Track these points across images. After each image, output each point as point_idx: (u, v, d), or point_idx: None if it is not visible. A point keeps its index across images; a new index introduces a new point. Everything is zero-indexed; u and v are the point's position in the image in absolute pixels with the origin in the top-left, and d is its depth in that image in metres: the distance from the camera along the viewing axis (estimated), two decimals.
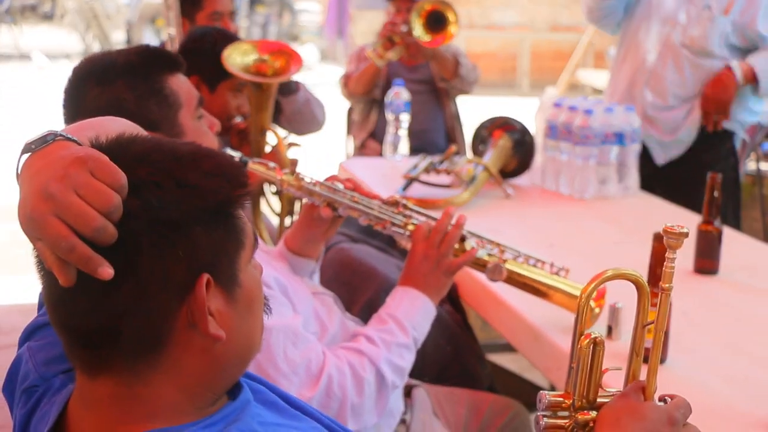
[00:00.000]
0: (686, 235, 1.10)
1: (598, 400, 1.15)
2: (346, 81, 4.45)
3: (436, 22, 4.13)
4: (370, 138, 4.43)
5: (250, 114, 2.88)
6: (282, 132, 3.13)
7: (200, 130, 1.91)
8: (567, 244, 2.65)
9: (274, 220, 3.01)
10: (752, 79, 3.50)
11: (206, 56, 2.82)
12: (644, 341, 1.15)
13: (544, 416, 1.15)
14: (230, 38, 2.95)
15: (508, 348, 3.18)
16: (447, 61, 4.32)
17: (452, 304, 2.58)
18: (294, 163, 2.82)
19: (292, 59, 2.92)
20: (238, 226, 1.05)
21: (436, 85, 4.46)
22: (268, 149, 2.89)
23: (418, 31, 4.11)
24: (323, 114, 3.61)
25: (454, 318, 2.55)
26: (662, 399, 1.14)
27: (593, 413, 1.15)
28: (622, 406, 1.12)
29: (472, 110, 4.52)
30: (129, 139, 1.04)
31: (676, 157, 3.67)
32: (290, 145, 2.89)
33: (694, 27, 3.52)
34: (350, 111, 4.72)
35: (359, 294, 2.38)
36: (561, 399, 1.15)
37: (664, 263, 1.11)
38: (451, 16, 4.14)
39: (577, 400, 1.15)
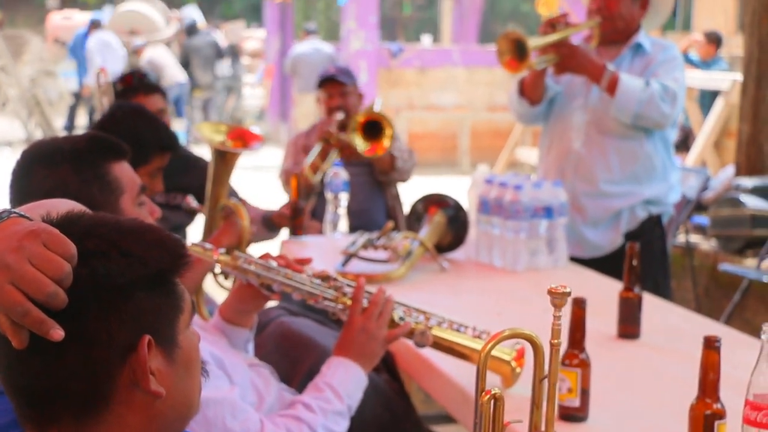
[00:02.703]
0: (568, 294, 1.22)
1: None
2: (287, 178, 4.43)
3: (372, 129, 4.17)
4: (310, 218, 4.50)
5: (208, 186, 2.91)
6: None
7: (141, 215, 2.02)
8: (505, 312, 2.77)
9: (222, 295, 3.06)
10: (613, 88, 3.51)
11: (125, 139, 2.80)
12: (543, 394, 1.25)
13: None
14: (147, 117, 2.95)
15: (449, 419, 3.26)
16: (382, 160, 4.32)
17: (389, 373, 2.67)
18: (252, 233, 2.90)
19: (250, 138, 3.01)
20: (177, 293, 1.16)
21: (375, 174, 4.52)
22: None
23: (360, 145, 4.13)
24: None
25: (392, 386, 2.63)
26: None
27: None
28: None
29: (415, 189, 4.61)
30: (77, 215, 1.14)
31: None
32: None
33: (611, 111, 3.59)
34: None
35: (299, 365, 2.46)
36: None
37: (553, 321, 1.22)
38: (386, 126, 4.15)
39: None
